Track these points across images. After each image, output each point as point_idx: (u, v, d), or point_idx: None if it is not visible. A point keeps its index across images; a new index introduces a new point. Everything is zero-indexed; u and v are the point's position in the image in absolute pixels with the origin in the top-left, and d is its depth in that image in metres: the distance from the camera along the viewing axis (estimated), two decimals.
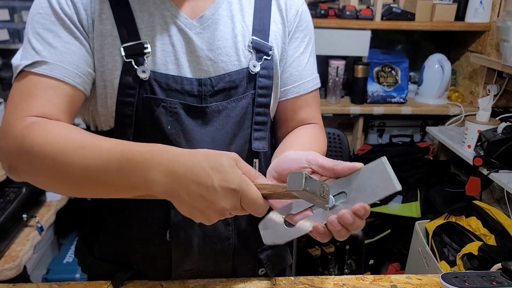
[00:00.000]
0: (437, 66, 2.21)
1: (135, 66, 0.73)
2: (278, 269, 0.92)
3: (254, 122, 0.81)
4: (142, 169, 0.59)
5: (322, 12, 2.07)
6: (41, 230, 1.67)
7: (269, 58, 0.81)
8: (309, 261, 2.14)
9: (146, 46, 0.74)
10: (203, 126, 0.77)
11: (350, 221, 0.59)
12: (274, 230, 0.67)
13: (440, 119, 2.36)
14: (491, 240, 1.57)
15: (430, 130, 2.20)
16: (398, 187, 0.57)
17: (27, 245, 1.57)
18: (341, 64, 2.14)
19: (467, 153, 1.84)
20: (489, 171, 1.68)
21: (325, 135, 0.91)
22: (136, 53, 0.73)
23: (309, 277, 0.87)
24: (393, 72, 2.24)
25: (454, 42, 2.40)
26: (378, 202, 2.13)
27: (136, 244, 0.83)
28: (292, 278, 0.87)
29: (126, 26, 0.73)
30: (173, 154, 0.59)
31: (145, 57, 0.73)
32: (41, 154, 0.63)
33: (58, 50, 0.70)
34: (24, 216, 1.65)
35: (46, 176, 0.65)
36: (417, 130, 2.44)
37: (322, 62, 2.14)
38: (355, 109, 2.17)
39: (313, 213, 0.64)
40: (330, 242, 2.13)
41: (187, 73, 0.76)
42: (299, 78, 0.87)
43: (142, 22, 0.74)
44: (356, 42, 2.10)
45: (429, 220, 1.84)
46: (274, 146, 0.93)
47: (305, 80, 0.88)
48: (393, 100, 2.22)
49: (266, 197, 0.61)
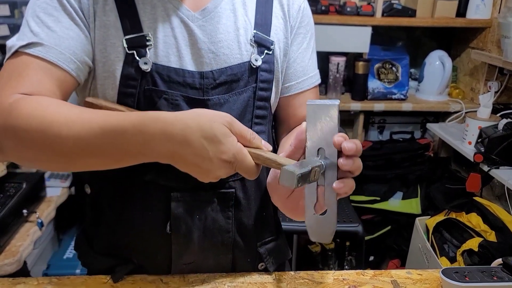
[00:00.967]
0: (438, 62, 2.21)
1: (137, 58, 0.73)
2: (277, 263, 0.92)
3: (254, 115, 0.81)
4: (137, 142, 0.61)
5: (323, 8, 2.07)
6: (41, 225, 1.67)
7: (270, 52, 0.81)
8: (309, 257, 2.14)
9: (148, 38, 0.74)
10: None
11: (353, 147, 0.59)
12: (317, 224, 0.65)
13: (440, 116, 2.36)
14: (492, 236, 1.57)
15: (431, 126, 2.20)
16: (336, 101, 0.60)
17: (27, 240, 1.57)
18: (341, 60, 2.14)
19: (468, 149, 1.84)
20: (489, 168, 1.68)
21: None
22: (138, 45, 0.73)
23: (309, 272, 0.87)
24: (393, 68, 2.24)
25: (455, 39, 2.39)
26: (378, 198, 2.12)
27: (136, 236, 0.83)
28: (292, 273, 0.87)
29: (129, 18, 0.74)
30: (164, 123, 0.61)
31: (147, 49, 0.74)
32: (28, 127, 0.62)
33: (57, 34, 0.70)
34: (24, 211, 1.65)
35: (34, 150, 0.64)
36: (417, 127, 2.43)
37: (323, 59, 2.14)
38: (356, 105, 2.17)
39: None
40: None
41: (189, 65, 0.76)
42: (303, 74, 0.88)
43: (145, 14, 0.75)
44: (356, 39, 2.10)
45: (429, 216, 1.84)
46: (274, 141, 0.93)
47: (308, 75, 0.89)
48: (393, 96, 2.22)
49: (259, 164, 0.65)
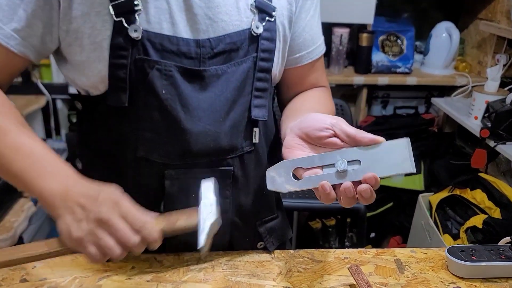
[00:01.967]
0: (444, 34, 2.14)
1: (126, 25, 0.67)
2: (277, 243, 0.89)
3: (254, 88, 0.76)
4: (42, 178, 0.62)
5: None
6: (36, 201, 1.65)
7: (272, 19, 0.76)
8: (309, 234, 2.13)
9: (136, 3, 0.68)
10: (201, 91, 0.72)
11: (364, 189, 0.60)
12: (280, 177, 0.68)
13: (446, 90, 2.30)
14: (496, 213, 1.55)
15: (436, 101, 2.15)
16: (413, 169, 0.58)
17: (22, 216, 1.55)
18: (345, 32, 2.07)
19: (474, 124, 1.80)
20: (496, 143, 1.64)
21: (332, 98, 0.88)
22: (126, 10, 0.67)
23: (309, 250, 0.84)
24: (398, 41, 2.18)
25: (463, 10, 2.32)
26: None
27: None
28: (291, 251, 0.84)
29: None
30: (73, 175, 0.64)
31: (136, 14, 0.68)
32: None
33: (17, 16, 0.66)
34: None
35: None
36: (422, 102, 2.39)
37: (326, 30, 2.05)
38: (359, 79, 2.12)
39: (322, 171, 0.65)
40: (331, 215, 2.12)
41: (184, 33, 0.71)
42: (312, 43, 0.84)
43: None
44: (360, 9, 2.04)
45: (432, 193, 1.82)
46: (275, 115, 0.89)
47: (317, 44, 0.85)
48: (398, 70, 2.17)
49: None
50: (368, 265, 0.80)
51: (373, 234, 2.19)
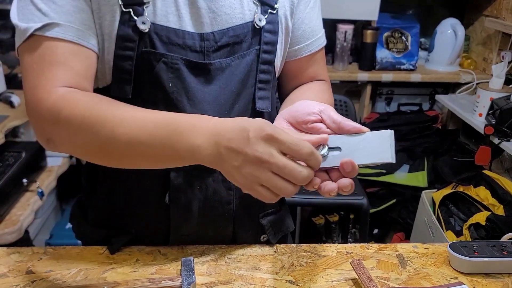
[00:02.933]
0: (449, 31, 2.13)
1: (134, 17, 0.68)
2: (280, 235, 0.90)
3: (258, 80, 0.77)
4: (189, 137, 0.58)
5: None
6: (41, 195, 1.66)
7: (274, 12, 0.76)
8: (312, 229, 2.13)
9: None
10: (206, 84, 0.73)
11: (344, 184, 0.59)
12: None
13: (450, 87, 2.30)
14: (500, 210, 1.54)
15: (440, 98, 2.14)
16: (393, 159, 0.59)
17: (28, 209, 1.56)
18: (349, 28, 2.07)
19: (478, 121, 1.79)
20: (500, 140, 1.63)
21: (331, 92, 0.88)
22: (134, 2, 0.68)
23: (311, 244, 0.85)
24: (403, 37, 2.17)
25: (468, 6, 2.30)
26: (384, 171, 2.09)
27: (133, 207, 0.80)
28: (294, 245, 0.84)
29: None
30: (217, 120, 0.59)
31: (144, 7, 0.68)
32: (81, 128, 0.61)
33: (65, 8, 0.65)
34: (24, 180, 1.63)
35: (85, 148, 0.64)
36: (426, 99, 2.38)
37: (330, 26, 2.07)
38: (363, 76, 2.11)
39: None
40: (334, 210, 2.12)
41: (188, 26, 0.71)
42: (312, 35, 0.84)
43: None
44: (365, 6, 2.03)
45: (436, 190, 1.81)
46: (277, 107, 0.89)
47: (316, 37, 0.85)
48: (402, 67, 2.16)
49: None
50: (370, 259, 0.81)
51: (376, 231, 2.19)
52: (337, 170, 0.61)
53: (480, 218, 1.51)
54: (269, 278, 0.75)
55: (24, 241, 1.53)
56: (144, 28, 0.68)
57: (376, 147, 0.60)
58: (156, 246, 0.82)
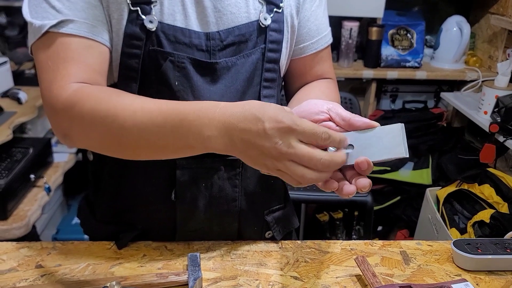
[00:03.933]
0: (455, 28, 2.12)
1: (142, 16, 0.69)
2: (285, 232, 0.91)
3: (263, 78, 0.78)
4: (197, 127, 0.58)
5: None
6: (48, 190, 1.68)
7: (279, 11, 0.77)
8: (317, 226, 2.14)
9: None
10: (212, 83, 0.74)
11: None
12: None
13: (455, 85, 2.29)
14: (504, 208, 1.54)
15: (445, 96, 2.14)
16: (406, 154, 0.58)
17: (35, 205, 1.57)
18: (354, 25, 2.06)
19: (483, 119, 1.79)
20: (505, 138, 1.63)
21: (338, 90, 0.88)
22: (142, 1, 0.69)
23: (316, 241, 0.85)
24: (408, 35, 2.16)
25: (474, 4, 2.29)
26: (388, 168, 2.09)
27: (139, 204, 0.81)
28: (299, 241, 0.85)
29: None
30: (225, 105, 0.58)
31: (152, 5, 0.69)
32: (93, 122, 0.62)
33: (78, 5, 0.66)
34: (31, 176, 1.65)
35: (100, 142, 0.65)
36: (431, 96, 2.37)
37: (335, 24, 2.06)
38: (368, 73, 2.11)
39: None
40: (339, 207, 2.13)
41: (195, 25, 0.72)
42: (317, 33, 0.84)
43: None
44: (370, 3, 2.02)
45: (440, 187, 1.81)
46: (283, 105, 0.90)
47: (322, 35, 0.85)
48: (407, 64, 2.15)
49: None
50: (374, 256, 0.82)
51: (380, 228, 2.19)
52: (351, 167, 0.61)
53: (484, 216, 1.51)
54: (274, 273, 0.76)
55: (31, 236, 1.55)
56: (151, 27, 0.69)
57: (388, 142, 0.59)
58: (162, 242, 0.83)
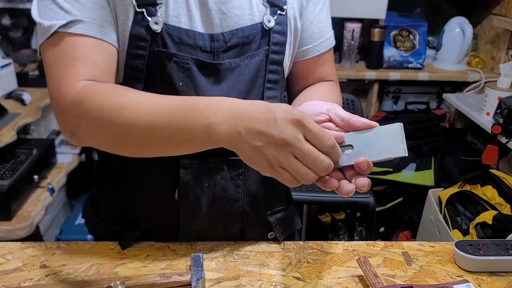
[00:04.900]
0: (457, 30, 2.12)
1: (148, 17, 0.69)
2: (287, 233, 0.91)
3: (266, 80, 0.78)
4: (204, 114, 0.58)
5: None
6: (52, 191, 1.69)
7: (283, 13, 0.77)
8: (319, 227, 2.14)
9: None
10: (216, 84, 0.75)
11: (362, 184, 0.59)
12: None
13: (458, 86, 2.29)
14: (507, 209, 1.54)
15: (447, 97, 2.14)
16: (405, 153, 0.58)
17: (39, 205, 1.58)
18: (357, 27, 2.07)
19: (486, 120, 1.79)
20: (508, 139, 1.63)
21: (340, 92, 0.89)
22: (148, 2, 0.70)
23: (318, 242, 0.86)
24: (410, 36, 2.17)
25: (477, 5, 2.29)
26: (391, 169, 2.09)
27: (143, 204, 0.82)
28: (301, 242, 0.86)
29: None
30: (235, 99, 0.59)
31: (157, 7, 0.70)
32: (100, 117, 0.62)
33: (87, 6, 0.67)
34: (35, 177, 1.66)
35: (105, 138, 0.65)
36: (433, 97, 2.37)
37: (337, 25, 2.07)
38: (370, 74, 2.11)
39: None
40: (341, 208, 2.13)
41: (199, 27, 0.73)
42: (320, 36, 0.85)
43: None
44: (373, 4, 2.03)
45: (442, 188, 1.81)
46: None
47: (325, 37, 0.85)
48: (409, 65, 2.16)
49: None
50: (376, 257, 0.82)
51: (382, 229, 2.19)
52: (351, 167, 0.61)
53: (487, 217, 1.51)
54: (276, 274, 0.77)
55: (34, 236, 1.56)
56: (156, 28, 0.70)
57: (387, 142, 0.60)
58: (165, 242, 0.83)
